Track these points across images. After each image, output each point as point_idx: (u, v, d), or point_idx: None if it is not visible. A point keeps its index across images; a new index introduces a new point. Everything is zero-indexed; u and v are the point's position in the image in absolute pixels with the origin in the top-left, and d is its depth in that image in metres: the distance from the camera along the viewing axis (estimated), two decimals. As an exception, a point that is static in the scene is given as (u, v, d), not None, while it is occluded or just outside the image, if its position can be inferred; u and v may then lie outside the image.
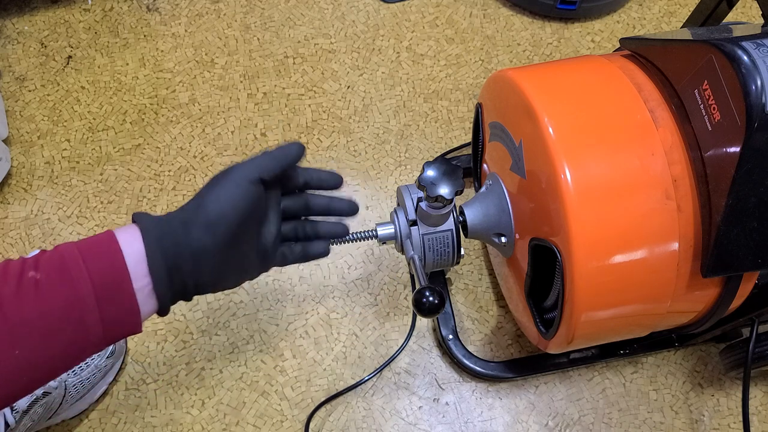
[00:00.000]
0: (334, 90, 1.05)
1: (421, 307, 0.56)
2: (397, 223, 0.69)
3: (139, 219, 0.45)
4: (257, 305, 0.88)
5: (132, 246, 0.43)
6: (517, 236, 0.68)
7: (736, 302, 0.62)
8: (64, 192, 0.96)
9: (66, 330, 0.39)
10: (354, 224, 0.94)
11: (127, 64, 1.07)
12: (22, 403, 0.67)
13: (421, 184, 0.60)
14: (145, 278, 0.43)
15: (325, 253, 0.58)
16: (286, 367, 0.84)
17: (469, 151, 0.95)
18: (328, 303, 0.89)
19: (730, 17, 0.74)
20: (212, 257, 0.45)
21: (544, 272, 0.64)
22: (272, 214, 0.52)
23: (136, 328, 0.44)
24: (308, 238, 0.57)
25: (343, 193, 0.60)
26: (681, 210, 0.55)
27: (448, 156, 0.99)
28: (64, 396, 0.73)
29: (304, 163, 0.98)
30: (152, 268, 0.43)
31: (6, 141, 0.97)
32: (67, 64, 1.06)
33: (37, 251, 0.41)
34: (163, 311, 0.46)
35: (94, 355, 0.70)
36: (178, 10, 1.12)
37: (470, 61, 1.09)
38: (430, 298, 0.56)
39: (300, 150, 0.52)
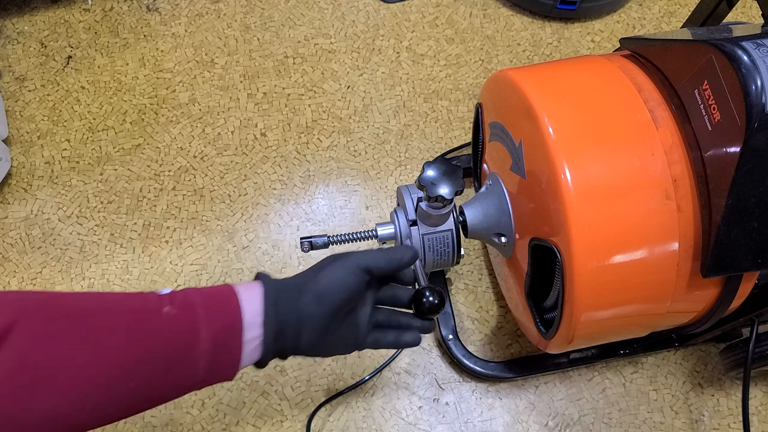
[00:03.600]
0: (334, 90, 1.05)
1: (421, 307, 0.56)
2: (397, 223, 0.69)
3: (263, 280, 0.50)
4: (257, 305, 0.88)
5: (252, 304, 0.48)
6: (517, 236, 0.68)
7: (736, 302, 0.62)
8: (64, 192, 0.96)
9: (181, 364, 0.44)
10: (354, 224, 0.94)
11: (127, 64, 1.07)
12: None
13: (421, 184, 0.60)
14: (256, 333, 0.47)
15: (415, 343, 0.60)
16: (286, 367, 0.84)
17: (469, 151, 0.95)
18: (328, 303, 0.89)
19: (730, 17, 0.74)
20: (315, 324, 0.50)
21: (544, 272, 0.64)
22: (369, 301, 0.56)
23: (230, 377, 0.48)
24: (401, 327, 0.60)
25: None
26: (681, 210, 0.55)
27: (448, 156, 0.99)
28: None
29: (304, 164, 0.98)
30: (266, 326, 0.47)
31: (6, 141, 0.97)
32: (67, 64, 1.06)
33: (169, 290, 0.46)
34: (261, 365, 0.50)
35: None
36: (178, 10, 1.12)
37: (470, 61, 1.09)
38: (430, 298, 0.56)
39: (413, 259, 0.56)
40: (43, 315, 0.39)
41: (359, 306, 0.55)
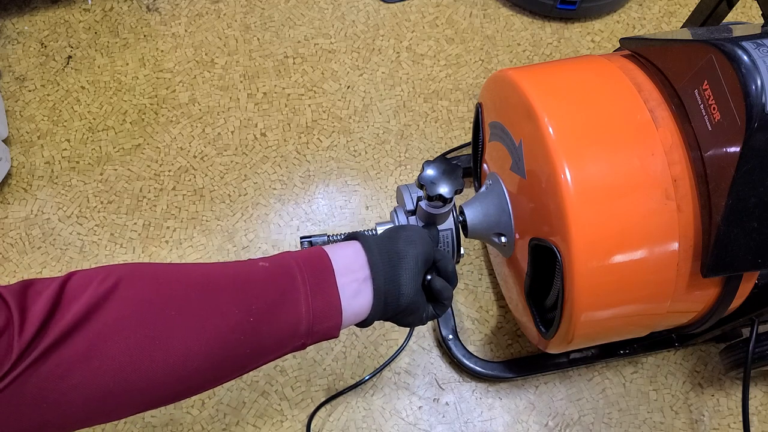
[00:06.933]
0: (334, 90, 1.05)
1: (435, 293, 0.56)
2: (397, 222, 0.69)
3: (353, 237, 0.54)
4: (257, 305, 0.88)
5: (344, 249, 0.51)
6: (517, 236, 0.68)
7: (736, 302, 0.62)
8: (64, 192, 0.96)
9: (283, 308, 0.46)
10: (354, 224, 0.94)
11: (127, 64, 1.07)
12: None
13: (421, 183, 0.60)
14: (357, 276, 0.50)
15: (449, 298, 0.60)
16: (286, 367, 0.84)
17: (469, 151, 0.95)
18: (328, 303, 0.89)
19: (730, 17, 0.74)
20: (411, 263, 0.52)
21: (544, 272, 0.64)
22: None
23: (335, 327, 0.48)
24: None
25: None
26: (681, 210, 0.55)
27: (448, 156, 0.99)
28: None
29: (304, 164, 0.98)
30: (373, 267, 0.50)
31: (6, 141, 0.97)
32: (67, 64, 1.06)
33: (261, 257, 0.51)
34: (368, 321, 0.51)
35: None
36: (178, 10, 1.12)
37: (470, 61, 1.09)
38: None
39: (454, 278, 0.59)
40: (148, 277, 0.42)
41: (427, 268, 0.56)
